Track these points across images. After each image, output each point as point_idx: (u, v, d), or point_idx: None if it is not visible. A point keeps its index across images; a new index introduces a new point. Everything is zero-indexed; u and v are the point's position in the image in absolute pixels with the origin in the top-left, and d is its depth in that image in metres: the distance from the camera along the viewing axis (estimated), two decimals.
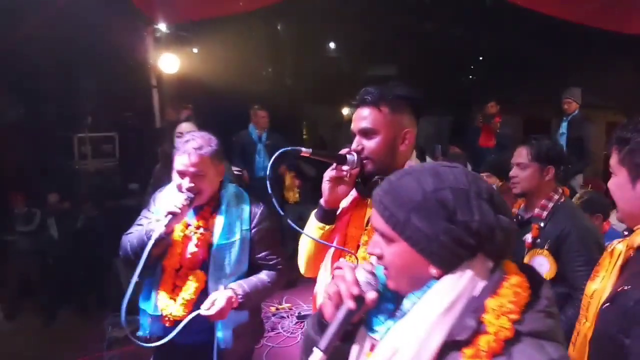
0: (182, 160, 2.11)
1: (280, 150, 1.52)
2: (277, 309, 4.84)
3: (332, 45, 10.61)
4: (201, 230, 2.19)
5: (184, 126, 3.34)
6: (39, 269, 5.46)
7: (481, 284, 0.95)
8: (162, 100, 5.84)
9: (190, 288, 2.13)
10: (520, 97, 8.13)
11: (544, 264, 2.26)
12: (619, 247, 1.53)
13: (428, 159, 5.54)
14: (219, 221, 2.18)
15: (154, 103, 5.73)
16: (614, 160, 1.46)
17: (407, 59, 9.73)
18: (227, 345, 2.15)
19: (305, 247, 1.76)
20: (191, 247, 2.17)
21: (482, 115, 6.37)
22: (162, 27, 5.79)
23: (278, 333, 4.46)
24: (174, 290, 2.16)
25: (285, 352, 4.19)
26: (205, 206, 2.21)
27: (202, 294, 2.11)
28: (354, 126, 1.65)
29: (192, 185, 2.11)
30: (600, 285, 1.52)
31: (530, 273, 0.99)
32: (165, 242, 2.10)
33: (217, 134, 2.29)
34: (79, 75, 6.18)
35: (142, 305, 2.22)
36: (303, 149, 1.57)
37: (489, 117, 6.27)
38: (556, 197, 2.41)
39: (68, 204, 5.84)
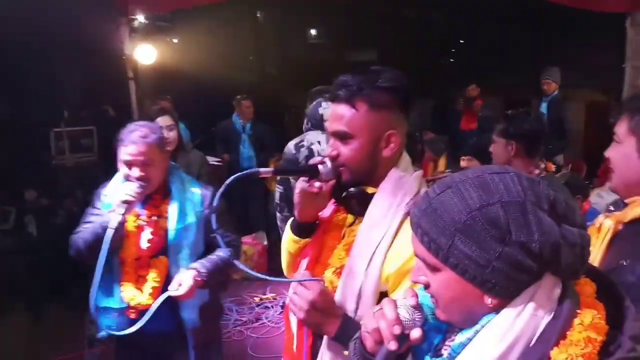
0: (129, 150, 2.13)
1: (232, 177, 1.27)
2: (260, 299, 4.81)
3: (313, 32, 10.54)
4: (154, 218, 2.24)
5: (159, 120, 3.23)
6: (19, 268, 5.39)
7: (545, 321, 0.80)
8: (140, 92, 5.74)
9: (154, 275, 2.18)
10: (500, 79, 8.14)
11: None
12: (607, 222, 1.51)
13: None
14: (173, 206, 2.24)
15: (131, 95, 5.63)
16: (622, 129, 1.44)
17: (388, 44, 9.71)
18: (194, 324, 2.23)
19: (284, 253, 1.63)
20: (146, 236, 2.22)
21: (463, 98, 6.37)
22: (140, 17, 5.68)
23: (262, 324, 4.43)
24: (138, 281, 2.19)
25: (270, 342, 4.16)
26: (154, 194, 2.26)
27: (167, 280, 2.17)
28: (328, 127, 1.42)
29: (143, 174, 2.14)
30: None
31: (612, 296, 0.85)
32: (118, 234, 2.11)
33: (199, 124, 2.32)
34: (54, 69, 6.05)
35: (104, 303, 2.20)
36: (261, 170, 1.34)
37: (470, 100, 6.27)
38: (536, 172, 2.38)
39: (47, 200, 5.76)
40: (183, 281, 2.11)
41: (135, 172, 2.14)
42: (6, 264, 5.28)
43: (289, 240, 1.57)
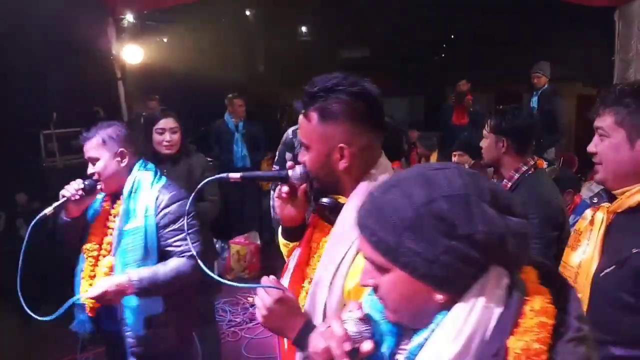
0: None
1: (203, 182, 1.32)
2: (254, 300, 4.76)
3: (304, 29, 10.52)
4: (111, 217, 2.27)
5: (163, 122, 3.12)
6: (11, 271, 5.35)
7: (497, 312, 0.81)
8: (129, 92, 5.70)
9: (100, 274, 2.20)
10: (492, 73, 8.16)
11: None
12: (599, 214, 1.55)
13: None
14: (119, 207, 2.23)
15: (120, 95, 5.59)
16: (607, 122, 1.49)
17: (379, 41, 9.70)
18: (137, 333, 2.19)
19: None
20: (108, 234, 2.26)
21: (454, 93, 6.37)
22: (128, 17, 5.64)
23: (257, 324, 4.40)
24: (92, 277, 2.23)
25: (264, 342, 4.13)
26: (120, 193, 2.26)
27: None
28: None
29: (91, 171, 2.22)
30: (587, 255, 1.54)
31: (554, 281, 0.86)
32: (72, 226, 2.22)
33: (189, 124, 2.29)
34: (41, 71, 5.99)
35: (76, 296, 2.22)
36: (231, 175, 1.34)
37: (461, 95, 6.27)
38: (524, 168, 2.35)
39: (37, 203, 5.70)
40: (98, 284, 2.07)
41: (90, 168, 2.23)
42: None
43: (280, 244, 1.57)
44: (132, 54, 5.69)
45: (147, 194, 2.23)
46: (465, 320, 0.80)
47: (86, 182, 2.19)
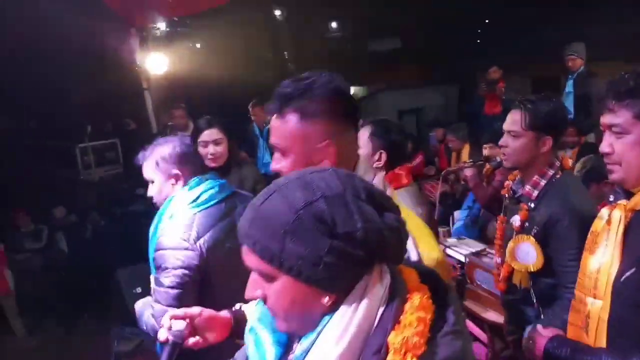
0: None
1: None
2: None
3: (332, 24, 10.41)
4: None
5: (207, 134, 2.86)
6: (53, 285, 5.53)
7: (380, 311, 0.83)
8: (158, 102, 5.78)
9: None
10: (526, 58, 7.83)
11: (530, 253, 1.94)
12: (616, 213, 1.42)
13: None
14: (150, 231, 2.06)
15: (147, 106, 5.67)
16: (626, 117, 1.36)
17: (410, 30, 9.49)
18: None
19: None
20: None
21: (485, 82, 6.14)
22: (156, 25, 5.71)
23: None
24: None
25: None
26: None
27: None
28: None
29: (148, 191, 2.10)
30: (607, 258, 1.41)
31: (433, 280, 0.90)
32: None
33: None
34: (72, 86, 6.16)
35: None
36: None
37: (492, 83, 6.04)
38: (551, 172, 2.00)
39: (75, 216, 5.87)
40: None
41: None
42: (39, 281, 5.42)
43: None
44: (157, 63, 5.76)
45: (175, 219, 1.97)
46: (349, 321, 0.82)
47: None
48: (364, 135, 2.16)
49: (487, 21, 9.98)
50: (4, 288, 5.29)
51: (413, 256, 1.28)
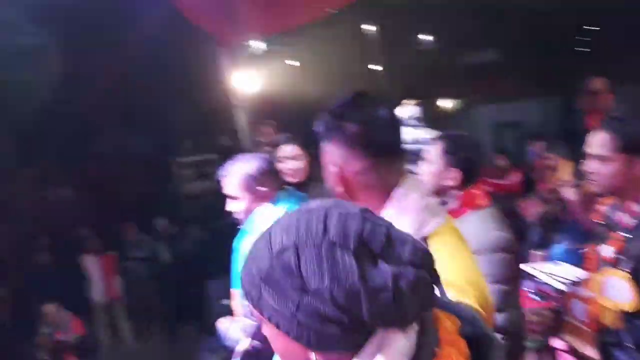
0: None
1: None
2: None
3: (423, 37, 10.23)
4: None
5: (284, 150, 2.99)
6: (156, 292, 5.89)
7: None
8: (251, 119, 5.97)
9: None
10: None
11: (622, 290, 1.74)
12: None
13: None
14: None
15: (242, 123, 5.87)
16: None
17: (507, 39, 9.08)
18: None
19: None
20: None
21: (585, 94, 5.68)
22: (249, 43, 5.92)
23: None
24: None
25: None
26: None
27: None
28: None
29: (230, 209, 2.15)
30: None
31: (475, 331, 0.77)
32: None
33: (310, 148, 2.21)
34: (169, 104, 6.54)
35: None
36: None
37: (593, 96, 5.57)
38: None
39: (176, 228, 6.22)
40: None
41: (228, 204, 2.16)
42: (144, 289, 5.80)
43: None
44: (251, 80, 5.94)
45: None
46: None
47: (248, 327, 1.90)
48: (435, 151, 2.07)
49: (598, 28, 9.30)
50: (115, 292, 5.73)
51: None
